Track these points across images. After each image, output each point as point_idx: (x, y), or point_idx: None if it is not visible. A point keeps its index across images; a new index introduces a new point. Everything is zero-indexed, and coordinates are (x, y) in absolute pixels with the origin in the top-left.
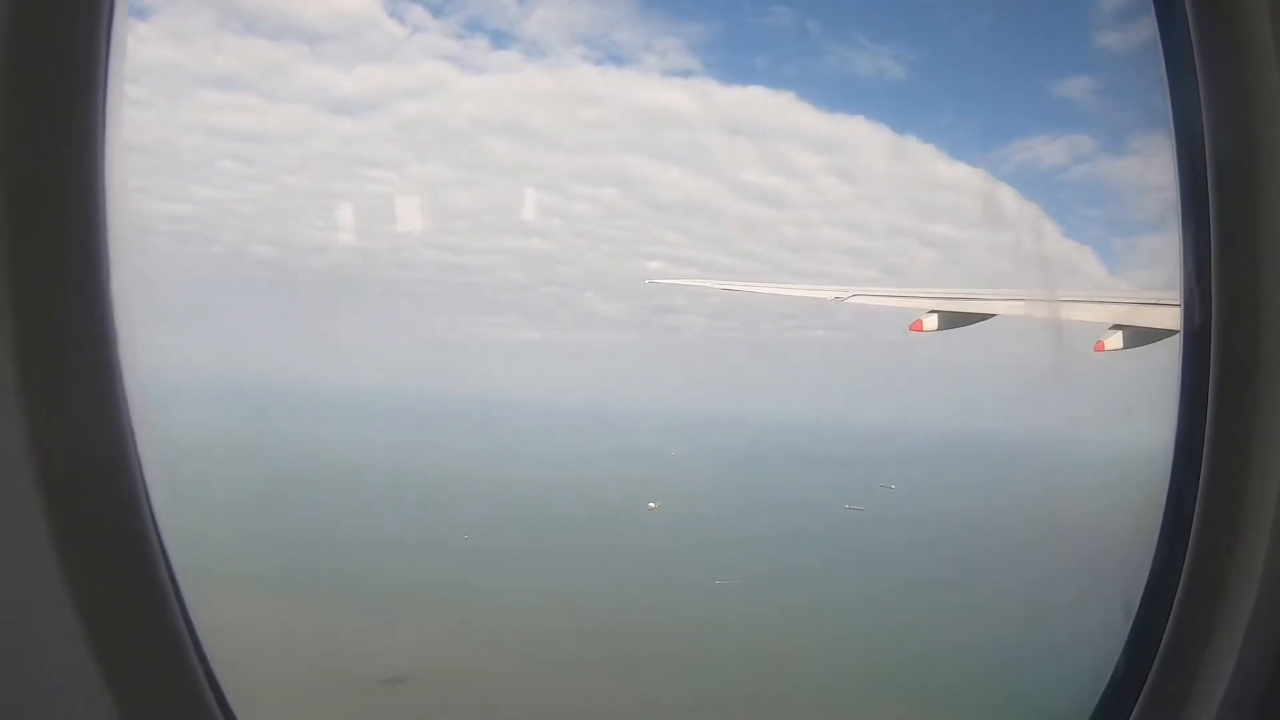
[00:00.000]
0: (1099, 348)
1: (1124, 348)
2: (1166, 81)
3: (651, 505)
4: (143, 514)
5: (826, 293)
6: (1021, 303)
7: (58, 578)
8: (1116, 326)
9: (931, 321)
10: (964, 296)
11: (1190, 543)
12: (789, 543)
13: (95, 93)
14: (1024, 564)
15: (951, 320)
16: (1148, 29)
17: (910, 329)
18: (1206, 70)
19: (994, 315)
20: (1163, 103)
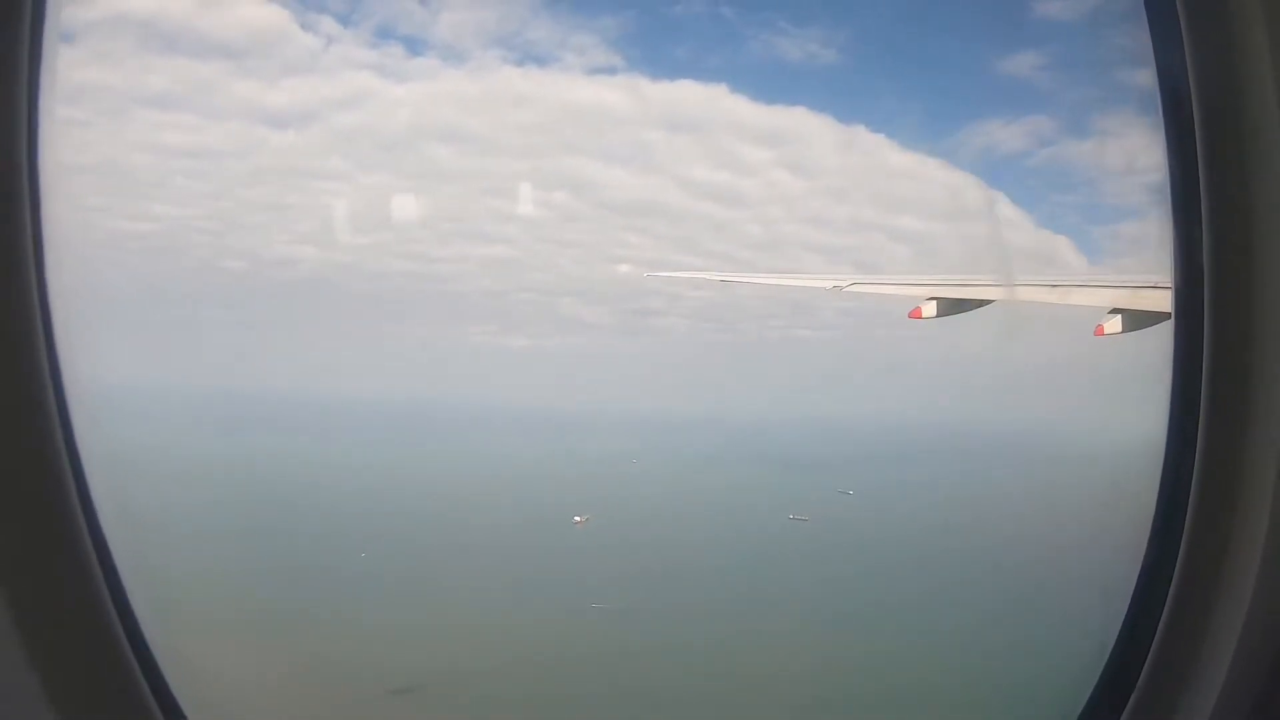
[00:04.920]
0: (1099, 332)
1: (1123, 331)
2: (1154, 59)
3: (577, 519)
4: (79, 521)
5: (825, 282)
6: (1020, 288)
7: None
8: (1115, 310)
9: (930, 308)
10: (963, 283)
11: (1184, 535)
12: (711, 559)
13: (17, 106)
14: (998, 568)
15: (950, 307)
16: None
17: (909, 315)
18: (1194, 46)
19: (992, 301)
20: (1149, 80)
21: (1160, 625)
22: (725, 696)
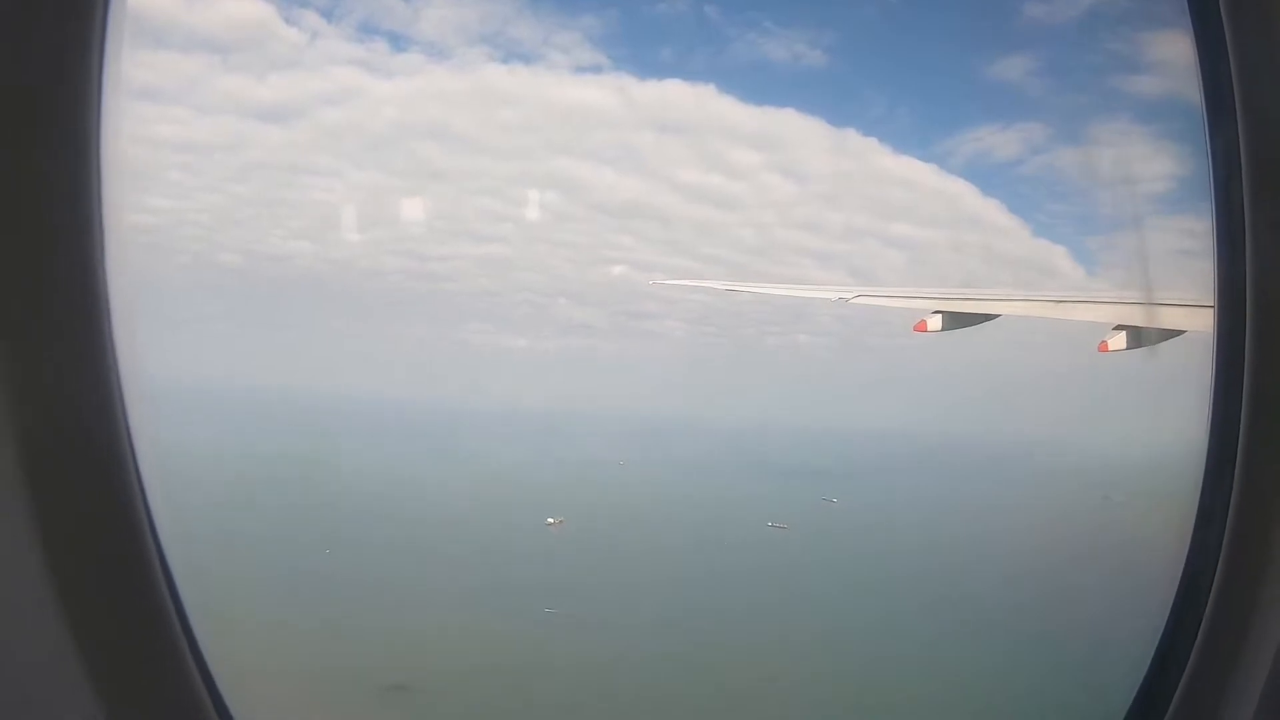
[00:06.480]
0: (1103, 348)
1: (1128, 348)
2: (1198, 69)
3: (550, 521)
4: (138, 515)
5: (830, 293)
6: (1026, 303)
7: (46, 580)
8: (1120, 327)
9: (936, 322)
10: (968, 297)
11: (1224, 546)
12: (680, 565)
13: (89, 101)
14: (976, 577)
15: (955, 320)
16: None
17: (914, 329)
18: (1239, 55)
19: (998, 315)
20: (1193, 91)
21: (1198, 636)
22: (671, 710)
